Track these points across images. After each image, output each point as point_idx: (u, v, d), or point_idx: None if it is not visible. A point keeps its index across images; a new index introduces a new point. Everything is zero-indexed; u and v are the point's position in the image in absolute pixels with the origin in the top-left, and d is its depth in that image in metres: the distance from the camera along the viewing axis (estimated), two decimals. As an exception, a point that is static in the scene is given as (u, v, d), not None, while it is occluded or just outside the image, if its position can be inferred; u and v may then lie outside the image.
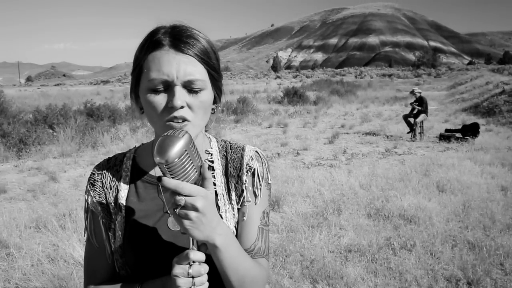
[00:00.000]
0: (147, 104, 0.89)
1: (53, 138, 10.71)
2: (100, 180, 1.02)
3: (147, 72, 0.88)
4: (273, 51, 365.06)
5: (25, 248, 4.25)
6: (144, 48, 0.90)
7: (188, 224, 0.77)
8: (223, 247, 0.83)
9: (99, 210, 1.00)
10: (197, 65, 0.89)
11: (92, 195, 1.01)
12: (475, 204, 5.37)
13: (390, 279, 3.59)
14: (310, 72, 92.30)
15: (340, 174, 7.21)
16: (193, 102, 0.88)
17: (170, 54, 0.87)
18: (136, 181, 1.01)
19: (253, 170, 1.03)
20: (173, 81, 0.86)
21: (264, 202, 1.03)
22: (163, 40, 0.88)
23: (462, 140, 10.46)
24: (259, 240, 1.00)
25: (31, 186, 7.00)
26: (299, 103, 22.04)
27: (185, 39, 0.89)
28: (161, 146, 0.75)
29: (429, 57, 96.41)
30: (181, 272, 0.80)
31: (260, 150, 1.09)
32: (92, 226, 1.01)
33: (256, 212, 1.01)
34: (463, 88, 28.31)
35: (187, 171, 0.77)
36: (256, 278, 0.93)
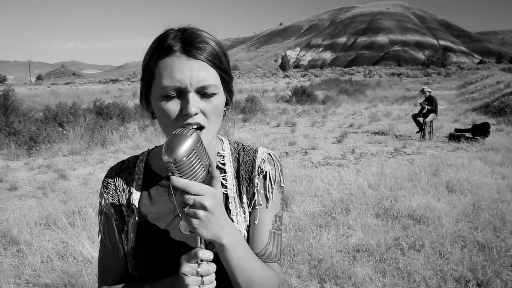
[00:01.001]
0: (160, 111, 0.88)
1: (63, 136, 10.81)
2: (113, 183, 1.04)
3: (159, 79, 0.87)
4: (282, 50, 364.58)
5: (35, 244, 4.30)
6: (154, 55, 0.89)
7: (196, 223, 0.77)
8: (230, 247, 0.83)
9: (112, 213, 1.02)
10: (210, 70, 0.88)
11: (105, 197, 1.03)
12: (485, 205, 5.32)
13: (398, 279, 3.57)
14: (319, 71, 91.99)
15: (348, 174, 7.18)
16: (206, 108, 0.88)
17: (182, 61, 0.86)
18: (148, 184, 1.02)
19: (265, 173, 1.02)
20: (187, 87, 0.85)
21: (277, 205, 1.02)
22: (174, 46, 0.87)
23: (472, 140, 10.37)
24: (270, 245, 0.99)
25: (41, 183, 7.07)
26: (308, 102, 21.99)
27: (196, 44, 0.87)
28: (169, 145, 0.75)
29: (439, 56, 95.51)
30: (189, 271, 0.80)
31: (273, 152, 1.07)
32: (105, 228, 1.03)
33: (268, 215, 1.00)
34: (473, 88, 28.03)
35: (195, 170, 0.77)
36: (266, 281, 0.92)
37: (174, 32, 0.90)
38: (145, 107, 0.96)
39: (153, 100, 0.90)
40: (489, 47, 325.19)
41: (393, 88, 35.55)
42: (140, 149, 10.16)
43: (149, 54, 0.90)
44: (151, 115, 0.96)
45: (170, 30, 0.91)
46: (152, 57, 0.89)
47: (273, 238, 1.00)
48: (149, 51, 0.91)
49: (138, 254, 0.97)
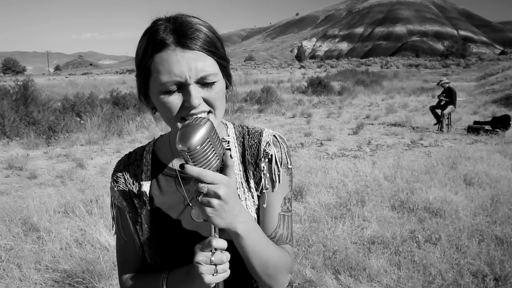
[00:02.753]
0: (161, 106, 0.87)
1: (80, 126, 10.97)
2: (122, 176, 1.04)
3: (156, 75, 0.85)
4: (298, 40, 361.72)
5: (54, 232, 4.39)
6: (148, 50, 0.86)
7: (210, 212, 0.77)
8: (245, 234, 0.84)
9: (125, 205, 1.03)
10: (207, 58, 0.86)
11: (117, 191, 1.03)
12: (504, 199, 5.22)
13: (413, 272, 3.54)
14: (335, 62, 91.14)
15: (364, 165, 7.13)
16: (208, 96, 0.87)
17: (177, 53, 0.84)
18: (157, 175, 1.02)
19: (271, 156, 1.01)
20: (186, 80, 0.84)
21: (285, 188, 1.01)
22: (167, 39, 0.84)
23: (491, 133, 10.17)
24: (280, 227, 0.99)
25: (59, 172, 7.20)
26: (323, 93, 21.84)
27: (189, 34, 0.85)
28: (183, 134, 0.76)
29: (458, 46, 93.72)
30: (203, 259, 0.80)
31: (279, 133, 1.06)
32: (119, 221, 1.05)
33: (277, 198, 1.00)
34: (494, 79, 27.40)
35: (209, 159, 0.77)
36: (280, 263, 0.93)
37: (164, 23, 0.87)
38: (144, 102, 0.95)
39: (153, 96, 0.89)
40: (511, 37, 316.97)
41: (410, 79, 35.03)
42: (156, 139, 10.24)
43: (142, 50, 0.87)
44: (152, 109, 0.95)
45: (159, 21, 0.88)
46: (145, 53, 0.86)
47: (283, 220, 1.00)
48: (141, 46, 0.88)
49: (153, 243, 0.98)
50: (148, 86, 0.90)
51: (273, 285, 0.95)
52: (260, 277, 0.93)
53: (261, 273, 0.91)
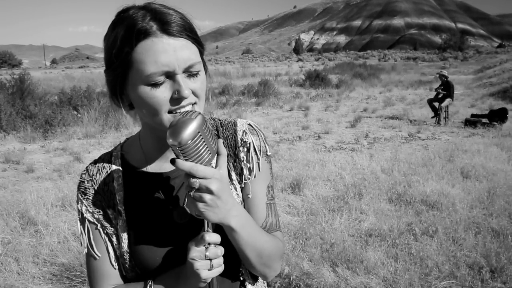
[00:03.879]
0: (146, 100, 0.80)
1: (77, 119, 10.93)
2: (91, 187, 0.96)
3: (140, 66, 0.78)
4: (295, 33, 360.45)
5: (52, 225, 4.39)
6: (128, 40, 0.78)
7: (203, 207, 0.77)
8: (239, 228, 0.83)
9: (97, 218, 0.94)
10: (191, 46, 0.82)
11: (86, 204, 0.95)
12: (501, 192, 5.24)
13: (410, 264, 3.56)
14: (333, 55, 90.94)
15: (361, 158, 7.14)
16: (196, 87, 0.83)
17: (163, 41, 0.78)
18: (130, 180, 0.95)
19: (249, 145, 0.98)
20: (175, 70, 0.79)
21: (267, 175, 1.00)
22: (150, 26, 0.78)
23: (488, 126, 10.18)
24: (270, 216, 0.98)
25: (57, 166, 7.19)
26: (321, 86, 21.81)
27: (171, 20, 0.80)
28: (174, 128, 0.75)
29: (456, 39, 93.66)
30: (198, 255, 0.80)
31: (253, 122, 1.02)
32: (90, 236, 0.95)
33: (261, 188, 0.98)
34: (491, 72, 27.42)
35: (200, 153, 0.76)
36: (273, 251, 0.93)
37: (138, 10, 0.81)
38: (120, 101, 0.87)
39: (134, 90, 0.81)
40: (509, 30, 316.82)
41: (408, 72, 35.01)
42: (153, 132, 10.22)
43: (120, 40, 0.79)
44: (128, 107, 0.88)
45: (132, 10, 0.81)
46: (125, 43, 0.78)
47: (270, 209, 0.99)
48: (116, 37, 0.80)
49: (134, 253, 0.92)
50: (127, 80, 0.82)
51: (267, 272, 0.95)
52: (255, 267, 0.92)
53: (256, 263, 0.91)
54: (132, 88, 0.82)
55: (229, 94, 18.18)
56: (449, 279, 3.32)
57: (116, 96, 0.87)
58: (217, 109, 14.59)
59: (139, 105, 0.83)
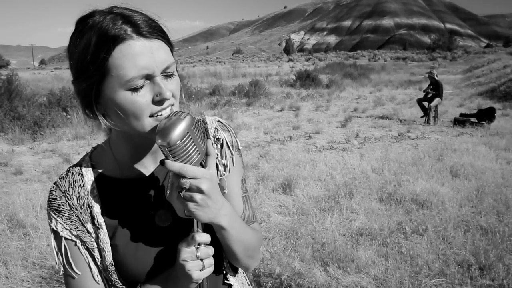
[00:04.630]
0: (127, 105, 0.78)
1: (66, 120, 10.84)
2: (65, 202, 0.90)
3: (119, 71, 0.75)
4: (286, 33, 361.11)
5: (41, 228, 4.35)
6: (102, 46, 0.75)
7: (193, 207, 0.77)
8: (229, 227, 0.84)
9: (76, 234, 0.90)
10: (165, 47, 0.81)
11: (61, 221, 0.89)
12: (489, 190, 5.31)
13: (401, 263, 3.59)
14: (323, 55, 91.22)
15: (352, 158, 7.18)
16: (173, 88, 0.82)
17: (140, 44, 0.76)
18: (105, 191, 0.92)
19: (222, 141, 0.99)
20: (154, 72, 0.77)
21: (240, 169, 1.01)
22: (125, 30, 0.75)
23: (477, 125, 10.30)
24: (246, 209, 1.00)
25: (46, 168, 7.12)
26: (312, 86, 21.87)
27: (143, 22, 0.78)
28: (163, 129, 0.75)
29: (445, 40, 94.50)
30: (189, 256, 0.80)
31: (221, 119, 1.03)
32: (68, 254, 0.90)
33: (235, 182, 0.99)
34: (479, 72, 27.73)
35: (190, 153, 0.77)
36: (256, 243, 0.97)
37: (106, 15, 0.78)
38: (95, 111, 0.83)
39: (113, 97, 0.78)
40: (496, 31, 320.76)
41: (398, 72, 35.24)
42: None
43: (95, 47, 0.75)
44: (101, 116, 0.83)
45: (98, 15, 0.78)
46: (100, 48, 0.75)
47: (245, 202, 1.01)
48: (88, 43, 0.76)
49: (119, 264, 0.90)
50: (102, 87, 0.78)
51: (251, 263, 0.98)
52: (241, 260, 0.94)
53: (243, 256, 0.93)
54: (110, 94, 0.78)
55: (220, 95, 18.15)
56: (439, 277, 3.35)
57: (91, 106, 0.82)
58: (207, 110, 14.56)
59: (118, 112, 0.79)
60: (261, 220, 4.60)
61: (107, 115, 0.83)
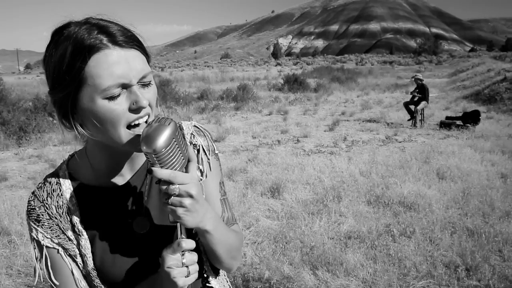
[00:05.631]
0: (103, 114, 0.78)
1: (53, 126, 10.70)
2: (44, 212, 0.91)
3: (95, 81, 0.76)
4: (274, 38, 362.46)
5: (26, 235, 4.27)
6: (78, 56, 0.76)
7: (182, 212, 0.77)
8: (213, 230, 0.85)
9: (57, 242, 0.90)
10: (141, 56, 0.82)
11: (42, 231, 0.90)
12: (475, 191, 5.38)
13: (389, 265, 3.61)
14: (311, 59, 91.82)
15: (340, 161, 7.22)
16: (150, 97, 0.82)
17: (116, 53, 0.77)
18: (84, 198, 0.93)
19: (198, 147, 0.99)
20: (130, 81, 0.78)
21: (217, 173, 1.02)
22: (100, 40, 0.76)
23: (462, 128, 10.44)
24: (225, 211, 1.02)
25: (31, 173, 7.02)
26: (300, 90, 21.95)
27: (118, 32, 0.79)
28: (148, 136, 0.74)
29: (430, 44, 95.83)
30: (175, 263, 0.79)
31: (197, 123, 1.04)
32: (48, 264, 0.91)
33: (213, 186, 1.00)
34: (464, 75, 28.15)
35: (176, 159, 0.76)
36: (238, 244, 0.99)
37: (81, 25, 0.79)
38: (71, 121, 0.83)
39: (89, 106, 0.78)
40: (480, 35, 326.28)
41: (385, 76, 35.63)
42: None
43: (70, 56, 0.76)
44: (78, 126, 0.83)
45: (73, 26, 0.79)
46: (76, 58, 0.76)
47: (224, 204, 1.02)
48: (64, 54, 0.77)
49: (100, 270, 0.91)
50: (78, 97, 0.79)
51: (234, 264, 0.99)
52: (224, 262, 0.95)
53: (226, 258, 0.94)
54: (87, 104, 0.78)
55: (208, 99, 18.11)
56: (427, 279, 3.38)
57: (67, 116, 0.82)
58: (196, 114, 14.52)
59: (94, 122, 0.80)
60: (250, 224, 4.60)
61: (84, 125, 0.83)
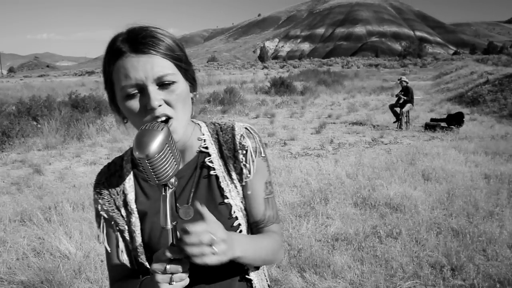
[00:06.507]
0: (127, 112, 0.92)
1: (37, 130, 10.54)
2: (105, 188, 1.06)
3: (117, 82, 0.90)
4: (260, 41, 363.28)
5: (9, 241, 4.20)
6: (109, 61, 0.92)
7: (216, 259, 0.80)
8: (243, 254, 0.90)
9: (111, 216, 1.05)
10: (161, 60, 0.90)
11: (101, 203, 1.05)
12: (459, 192, 5.45)
13: (376, 266, 3.63)
14: (297, 62, 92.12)
15: (327, 164, 7.25)
16: (169, 98, 0.90)
17: (133, 58, 0.88)
18: (140, 182, 1.06)
19: (246, 148, 1.06)
20: (143, 82, 0.88)
21: (264, 173, 1.08)
22: (122, 47, 0.89)
23: (447, 129, 10.58)
24: (268, 209, 1.09)
25: (15, 179, 6.90)
26: (286, 93, 22.01)
27: (141, 40, 0.90)
28: (141, 141, 0.73)
29: (415, 47, 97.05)
30: (158, 268, 0.81)
31: (249, 125, 1.11)
32: (104, 231, 1.06)
33: (259, 185, 1.07)
34: (448, 78, 28.58)
35: (168, 165, 0.76)
36: (274, 248, 1.06)
37: (122, 35, 0.92)
38: (116, 112, 1.00)
39: (120, 103, 0.94)
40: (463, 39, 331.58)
41: (370, 78, 35.94)
42: (117, 142, 10.01)
43: (104, 62, 0.94)
44: (123, 119, 0.99)
45: (119, 33, 0.93)
46: (106, 63, 0.93)
47: (268, 203, 1.09)
48: (104, 58, 0.94)
49: (147, 247, 1.02)
50: (115, 95, 0.94)
51: (273, 262, 1.10)
52: (262, 265, 1.09)
53: (263, 263, 1.05)
54: (119, 102, 0.94)
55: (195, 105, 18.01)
56: (413, 279, 3.41)
57: (116, 110, 0.99)
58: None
59: (127, 117, 0.95)
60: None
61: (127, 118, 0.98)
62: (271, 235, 1.07)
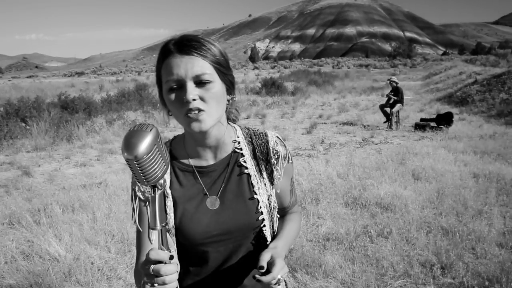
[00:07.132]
0: (168, 103, 1.05)
1: (26, 131, 10.42)
2: None
3: (164, 77, 1.04)
4: (251, 41, 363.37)
5: (-2, 244, 4.14)
6: (159, 59, 1.07)
7: None
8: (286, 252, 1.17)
9: (147, 197, 1.13)
10: (202, 61, 1.03)
11: (139, 185, 1.14)
12: (449, 191, 5.50)
13: (367, 266, 3.65)
14: (288, 62, 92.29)
15: (318, 164, 7.27)
16: (204, 94, 1.02)
17: (177, 58, 1.02)
18: (176, 170, 1.18)
19: (279, 154, 1.21)
20: (183, 78, 1.00)
21: (290, 173, 1.27)
22: (171, 48, 1.04)
23: (436, 129, 10.67)
24: (292, 197, 1.32)
25: (3, 181, 6.81)
26: (277, 93, 22.03)
27: (187, 43, 1.03)
28: (129, 142, 0.72)
29: (405, 47, 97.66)
30: (144, 268, 0.86)
31: (279, 135, 1.26)
32: (137, 212, 1.14)
33: (286, 182, 1.26)
34: (437, 78, 28.83)
35: (157, 166, 0.75)
36: (298, 227, 1.34)
37: (175, 38, 1.07)
38: (163, 105, 1.11)
39: (164, 96, 1.06)
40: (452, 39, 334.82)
41: (361, 79, 36.12)
42: (107, 143, 9.93)
43: (157, 60, 1.08)
44: (168, 112, 1.11)
45: (173, 37, 1.07)
46: (158, 62, 1.07)
47: (292, 193, 1.32)
48: (157, 57, 1.09)
49: (177, 229, 1.13)
50: (163, 91, 1.07)
51: None
52: None
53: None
54: (165, 95, 1.06)
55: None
56: (404, 278, 3.43)
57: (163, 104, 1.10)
58: (173, 119, 14.36)
59: (170, 109, 1.07)
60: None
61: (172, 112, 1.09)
62: (294, 217, 1.32)
